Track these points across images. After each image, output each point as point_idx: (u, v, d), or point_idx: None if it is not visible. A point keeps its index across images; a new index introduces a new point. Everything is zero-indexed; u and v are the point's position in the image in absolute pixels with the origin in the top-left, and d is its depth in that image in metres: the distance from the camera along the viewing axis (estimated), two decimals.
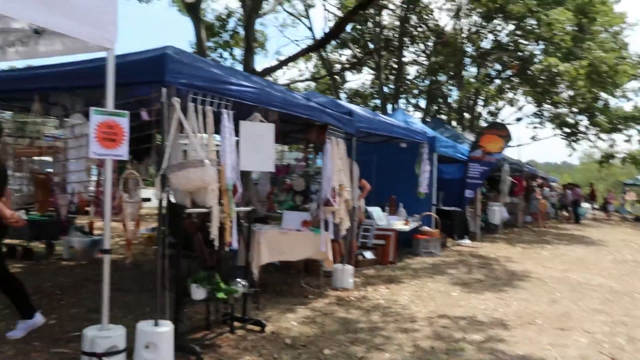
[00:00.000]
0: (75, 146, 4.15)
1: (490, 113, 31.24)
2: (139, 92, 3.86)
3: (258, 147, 4.66)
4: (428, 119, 22.72)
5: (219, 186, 3.93)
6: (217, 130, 4.22)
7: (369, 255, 8.24)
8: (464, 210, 11.90)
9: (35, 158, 5.09)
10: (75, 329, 4.10)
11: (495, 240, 12.76)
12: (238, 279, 4.34)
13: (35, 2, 2.90)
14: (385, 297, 6.10)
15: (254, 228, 5.45)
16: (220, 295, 3.90)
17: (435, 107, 29.87)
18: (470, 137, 15.88)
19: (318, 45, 13.03)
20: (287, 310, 5.27)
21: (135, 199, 3.83)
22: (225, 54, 20.88)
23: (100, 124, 3.36)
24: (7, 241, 7.07)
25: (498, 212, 14.77)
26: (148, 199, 8.45)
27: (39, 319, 4.13)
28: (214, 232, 3.98)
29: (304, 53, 13.28)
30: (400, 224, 9.02)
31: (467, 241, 11.76)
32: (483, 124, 28.78)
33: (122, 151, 3.45)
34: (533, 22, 19.12)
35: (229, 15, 20.01)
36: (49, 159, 5.04)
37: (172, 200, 3.84)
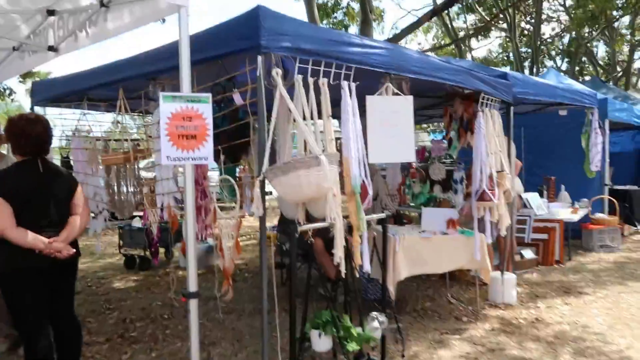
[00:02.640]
0: (159, 149, 3.28)
1: None
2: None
3: (392, 130, 3.41)
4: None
5: (341, 190, 2.80)
6: (335, 114, 3.06)
7: (528, 254, 6.59)
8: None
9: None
10: None
11: None
12: (374, 314, 3.18)
13: None
14: (568, 319, 4.53)
15: (389, 234, 4.25)
16: (352, 346, 2.77)
17: (577, 69, 25.87)
18: None
19: (442, 8, 11.28)
20: (437, 343, 4.00)
21: (235, 212, 2.83)
22: None
23: (173, 115, 2.38)
24: (124, 251, 6.76)
25: None
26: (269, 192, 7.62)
27: None
28: (339, 254, 2.85)
29: (426, 19, 11.60)
30: (565, 212, 7.16)
31: None
32: None
33: (206, 151, 2.44)
34: None
35: None
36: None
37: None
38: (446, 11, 21.76)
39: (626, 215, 8.86)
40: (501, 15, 19.89)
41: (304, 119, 2.72)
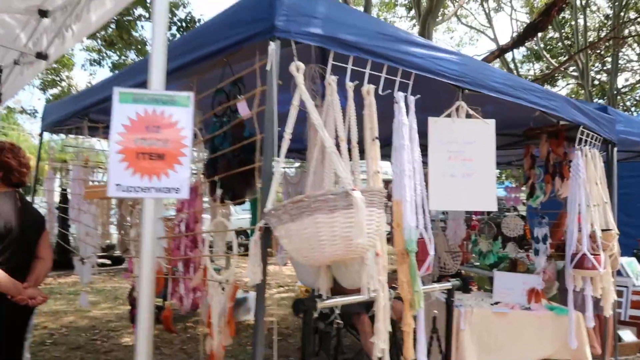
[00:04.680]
0: None
1: None
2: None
3: (465, 167, 2.45)
4: None
5: (386, 247, 1.86)
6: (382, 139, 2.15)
7: (628, 336, 5.22)
8: None
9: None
10: None
11: None
12: None
13: None
14: None
15: (455, 305, 3.21)
16: None
17: None
18: None
19: (511, 46, 10.29)
20: None
21: (230, 272, 1.93)
22: None
23: (132, 122, 1.56)
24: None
25: None
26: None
27: None
28: (380, 345, 1.88)
29: (493, 58, 10.64)
30: None
31: None
32: None
33: (179, 179, 1.59)
34: None
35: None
36: None
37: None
38: (511, 57, 20.79)
39: None
40: (571, 61, 18.59)
41: (337, 140, 1.84)
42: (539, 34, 20.52)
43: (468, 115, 2.52)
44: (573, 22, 18.64)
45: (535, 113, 3.06)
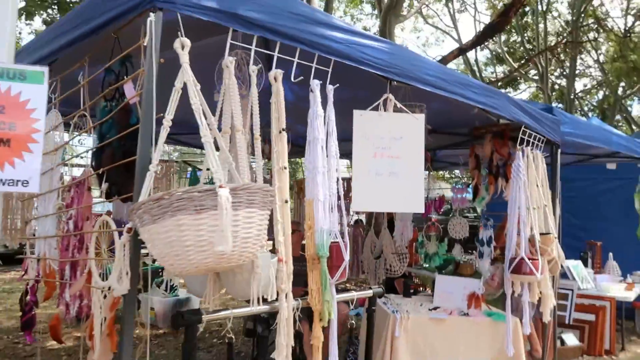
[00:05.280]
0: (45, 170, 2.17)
1: None
2: None
3: (392, 165, 2.27)
4: None
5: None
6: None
7: (570, 339, 5.19)
8: None
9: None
10: None
11: None
12: None
13: None
14: None
15: (387, 309, 3.06)
16: None
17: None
18: None
19: (470, 46, 10.26)
20: None
21: (110, 280, 1.67)
22: None
23: None
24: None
25: None
26: None
27: None
28: (282, 357, 1.67)
29: (452, 57, 10.60)
30: (618, 288, 5.76)
31: None
32: None
33: (29, 169, 1.33)
34: None
35: None
36: None
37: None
38: (474, 59, 20.99)
39: None
40: (531, 65, 18.96)
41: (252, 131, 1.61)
42: (502, 38, 20.92)
43: (399, 108, 2.34)
44: (535, 27, 18.98)
45: (474, 110, 2.91)
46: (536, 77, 20.79)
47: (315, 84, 1.93)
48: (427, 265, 5.03)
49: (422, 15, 20.67)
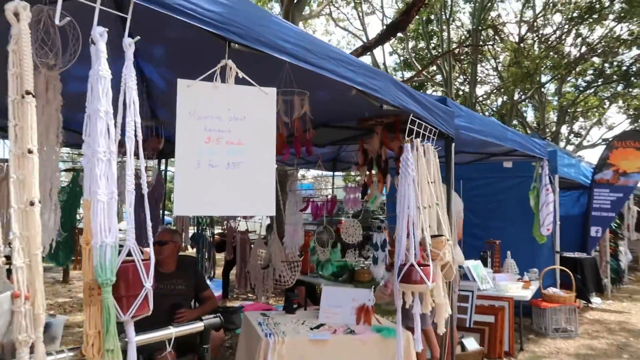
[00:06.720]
0: None
1: (575, 134, 27.35)
2: None
3: (232, 153, 1.72)
4: None
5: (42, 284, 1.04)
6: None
7: (471, 344, 4.98)
8: (589, 256, 8.31)
9: None
10: None
11: (633, 295, 9.00)
12: None
13: None
14: None
15: (260, 332, 2.52)
16: None
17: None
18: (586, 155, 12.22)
19: (375, 44, 10.04)
20: None
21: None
22: None
23: None
24: None
25: (623, 254, 11.12)
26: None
27: None
28: None
29: (355, 55, 10.37)
30: (516, 287, 5.66)
31: (597, 300, 8.17)
32: (569, 147, 24.88)
33: None
34: None
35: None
36: None
37: None
38: (383, 63, 21.28)
39: (579, 288, 7.57)
40: (434, 68, 19.61)
41: None
42: (410, 44, 21.47)
43: (244, 82, 1.79)
44: (440, 34, 19.66)
45: (352, 92, 2.45)
46: (442, 82, 21.53)
47: (98, 31, 1.33)
48: (322, 273, 4.58)
49: (333, 18, 20.59)
